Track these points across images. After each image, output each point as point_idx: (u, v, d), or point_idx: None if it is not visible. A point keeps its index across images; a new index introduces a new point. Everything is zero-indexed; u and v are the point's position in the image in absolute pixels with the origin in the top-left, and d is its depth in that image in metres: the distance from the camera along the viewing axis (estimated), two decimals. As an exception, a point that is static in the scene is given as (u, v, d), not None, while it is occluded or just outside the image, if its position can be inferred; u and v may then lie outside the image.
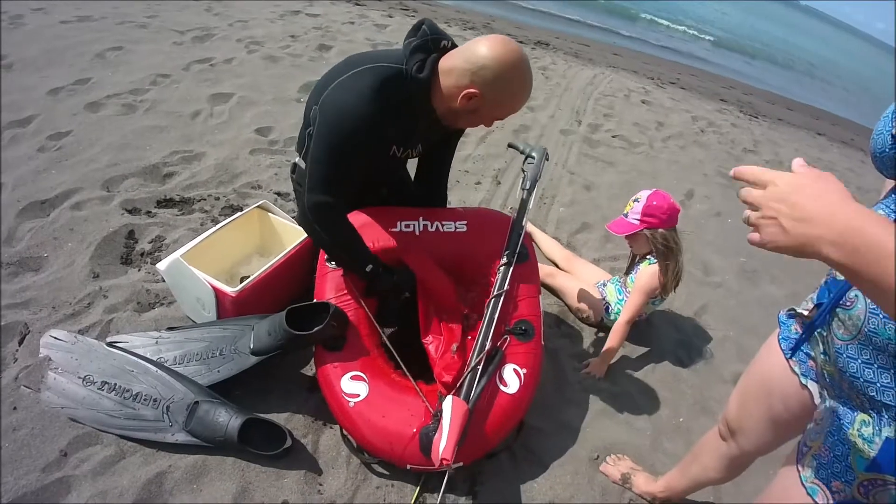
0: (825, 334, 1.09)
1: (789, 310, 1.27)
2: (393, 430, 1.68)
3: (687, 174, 4.47)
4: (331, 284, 1.90)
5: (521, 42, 6.96)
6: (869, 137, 1.03)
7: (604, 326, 2.54)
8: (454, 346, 1.87)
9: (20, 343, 1.89)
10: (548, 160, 2.18)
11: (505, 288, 1.90)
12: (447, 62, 1.67)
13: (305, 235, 2.10)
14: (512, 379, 1.82)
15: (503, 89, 1.64)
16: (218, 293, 1.86)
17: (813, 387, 1.16)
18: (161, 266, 1.94)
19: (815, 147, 6.56)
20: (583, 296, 2.60)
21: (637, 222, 2.35)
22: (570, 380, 2.29)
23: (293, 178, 2.11)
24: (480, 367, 1.76)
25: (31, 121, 3.05)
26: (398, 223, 2.02)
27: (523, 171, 2.18)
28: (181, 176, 2.83)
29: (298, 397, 1.92)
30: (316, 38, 5.24)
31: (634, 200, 2.38)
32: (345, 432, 1.80)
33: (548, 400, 2.16)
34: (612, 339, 2.33)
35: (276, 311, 2.06)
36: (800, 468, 1.08)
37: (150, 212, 2.54)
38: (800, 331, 1.21)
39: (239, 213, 2.19)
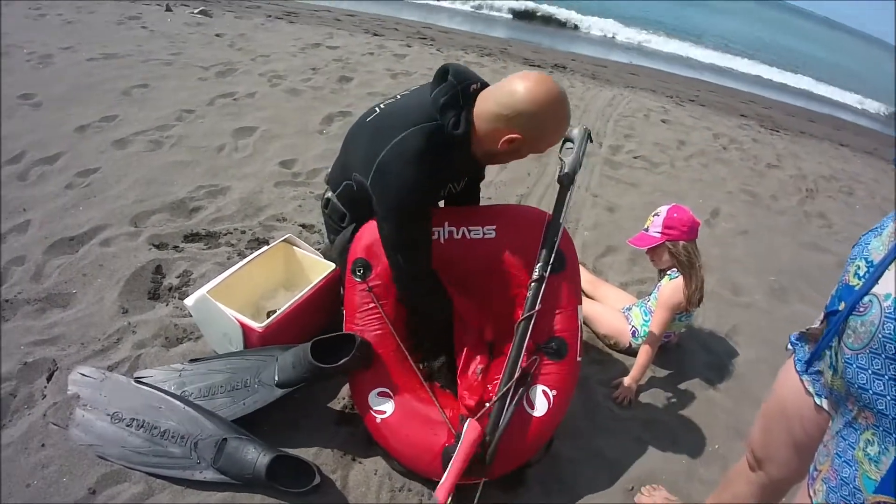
0: (834, 345, 1.07)
1: (800, 332, 1.26)
2: (418, 449, 1.70)
3: (711, 192, 4.42)
4: (359, 297, 1.88)
5: (537, 66, 7.06)
6: (892, 146, 1.02)
7: (633, 352, 2.49)
8: (479, 369, 1.85)
9: (48, 379, 1.90)
10: (591, 142, 1.92)
11: (536, 308, 1.75)
12: (481, 107, 1.67)
13: (331, 269, 2.11)
14: (540, 401, 1.76)
15: (543, 128, 1.65)
16: (245, 328, 1.87)
17: (827, 406, 1.13)
18: (188, 302, 1.95)
19: (838, 158, 6.43)
20: (609, 322, 2.57)
21: (658, 235, 2.35)
22: (602, 406, 2.25)
23: (325, 211, 2.12)
24: (508, 398, 1.71)
25: (58, 158, 3.12)
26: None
27: (561, 159, 1.86)
28: (207, 210, 2.86)
29: (326, 431, 1.91)
30: (336, 70, 5.32)
31: (655, 215, 2.39)
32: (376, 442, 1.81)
33: (579, 427, 2.12)
34: (640, 359, 2.30)
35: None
36: (811, 493, 1.06)
37: (178, 246, 2.57)
38: (812, 349, 1.19)
39: (264, 248, 2.20)
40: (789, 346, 1.29)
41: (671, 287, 2.33)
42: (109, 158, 3.19)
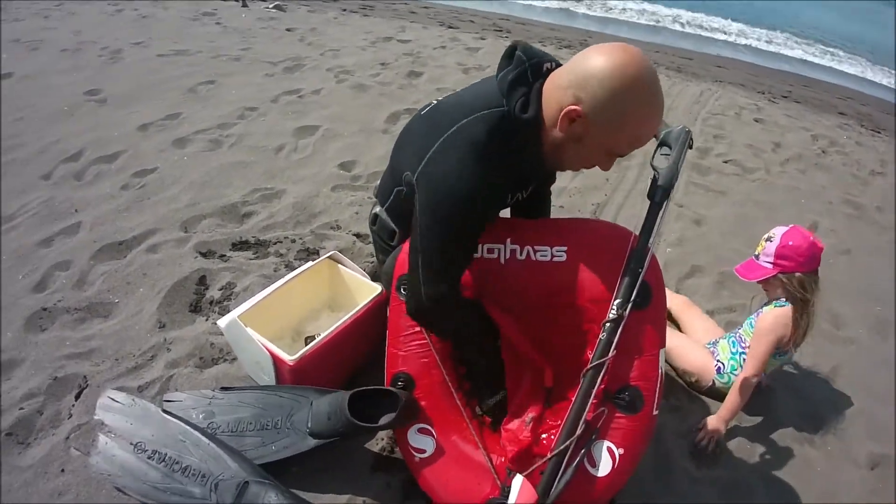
0: None
1: None
2: (457, 497, 1.51)
3: (809, 203, 3.96)
4: (404, 320, 1.63)
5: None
6: None
7: (716, 393, 2.19)
8: (529, 418, 1.56)
9: (76, 398, 1.83)
10: (691, 148, 1.58)
11: (610, 355, 1.43)
12: (551, 83, 1.37)
13: (376, 292, 1.92)
14: (604, 459, 1.47)
15: (618, 108, 1.28)
16: (275, 360, 1.70)
17: None
18: (221, 324, 1.81)
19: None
20: (692, 357, 2.24)
21: (770, 265, 2.03)
22: (677, 464, 1.94)
23: (373, 229, 1.93)
24: (568, 455, 1.40)
25: (117, 157, 3.09)
26: (480, 246, 1.60)
27: (654, 168, 1.52)
28: (259, 216, 2.74)
29: (360, 478, 1.72)
30: (406, 65, 5.14)
31: (767, 240, 2.06)
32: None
33: (646, 489, 1.83)
34: (731, 397, 2.00)
35: (341, 378, 1.92)
36: None
37: (224, 255, 2.46)
38: None
39: (307, 265, 2.03)
40: None
41: (774, 315, 2.01)
42: (168, 158, 3.13)
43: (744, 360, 2.09)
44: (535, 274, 1.59)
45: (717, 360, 2.19)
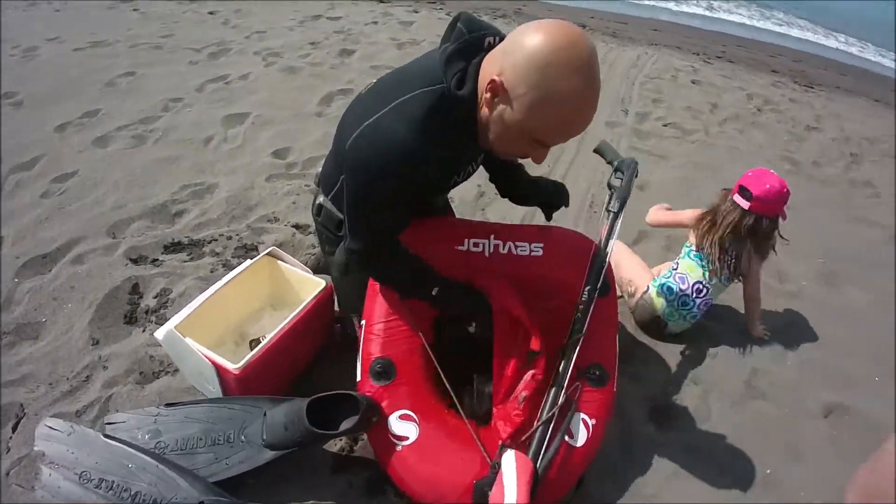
0: None
1: None
2: (444, 481, 1.48)
3: (748, 161, 4.00)
4: (380, 308, 1.66)
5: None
6: None
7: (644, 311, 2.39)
8: (522, 396, 1.58)
9: (14, 429, 1.69)
10: (636, 176, 1.81)
11: (584, 331, 1.61)
12: (489, 59, 1.26)
13: (320, 286, 1.83)
14: (581, 430, 1.59)
15: (541, 86, 1.14)
16: (219, 370, 1.60)
17: None
18: (158, 335, 1.68)
19: (876, 116, 5.85)
20: (633, 267, 2.51)
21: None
22: (638, 433, 1.97)
23: (318, 220, 1.81)
24: (552, 424, 1.52)
25: (36, 162, 2.87)
26: (466, 241, 1.72)
27: (611, 186, 1.75)
28: (191, 214, 2.59)
29: (321, 482, 1.65)
30: (337, 43, 4.98)
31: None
32: (390, 479, 1.55)
33: (613, 460, 1.85)
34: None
35: (290, 381, 1.84)
36: None
37: (157, 259, 2.32)
38: None
39: (245, 264, 1.92)
40: None
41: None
42: (89, 159, 2.93)
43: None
44: (516, 266, 1.73)
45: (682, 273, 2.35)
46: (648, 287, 2.38)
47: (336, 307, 1.98)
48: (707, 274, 2.28)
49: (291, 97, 3.87)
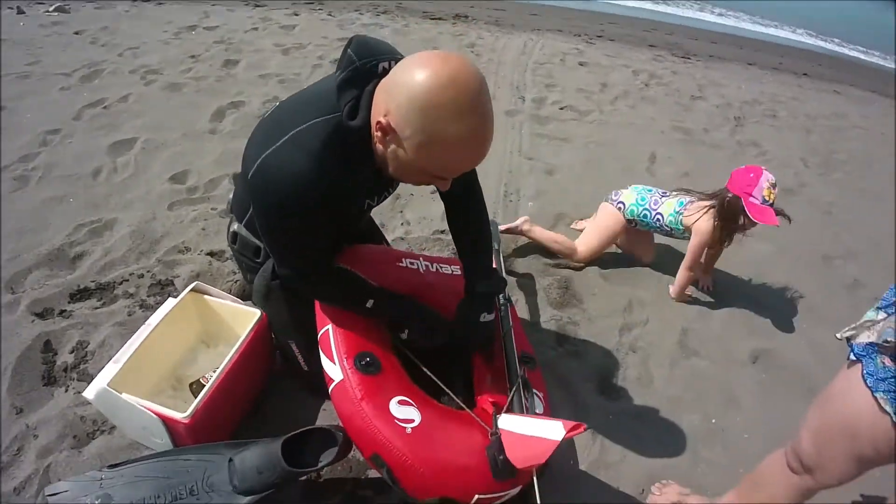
0: None
1: (869, 343, 1.15)
2: (460, 454, 1.48)
3: (643, 136, 4.22)
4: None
5: (438, 19, 6.60)
6: (793, 57, 0.83)
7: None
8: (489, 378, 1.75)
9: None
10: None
11: (512, 324, 1.89)
12: (380, 88, 1.22)
13: (256, 316, 1.74)
14: (537, 402, 1.71)
15: (420, 127, 1.12)
16: (166, 421, 1.48)
17: None
18: (89, 395, 1.54)
19: (753, 80, 6.42)
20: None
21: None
22: (591, 406, 2.05)
23: (234, 248, 1.73)
24: (521, 391, 1.66)
25: None
26: (404, 260, 1.84)
27: None
28: (93, 256, 2.37)
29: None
30: (220, 54, 4.73)
31: (773, 185, 2.32)
32: (392, 474, 1.46)
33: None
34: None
35: (240, 420, 1.74)
36: None
37: (65, 310, 2.10)
38: (890, 364, 1.08)
39: (169, 303, 1.78)
40: (852, 356, 1.18)
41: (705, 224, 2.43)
42: (-34, 210, 2.62)
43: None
44: (445, 281, 1.87)
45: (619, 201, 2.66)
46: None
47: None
48: (673, 218, 2.52)
49: (179, 116, 3.63)
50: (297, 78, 4.38)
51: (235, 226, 1.68)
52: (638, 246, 2.82)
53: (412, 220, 2.85)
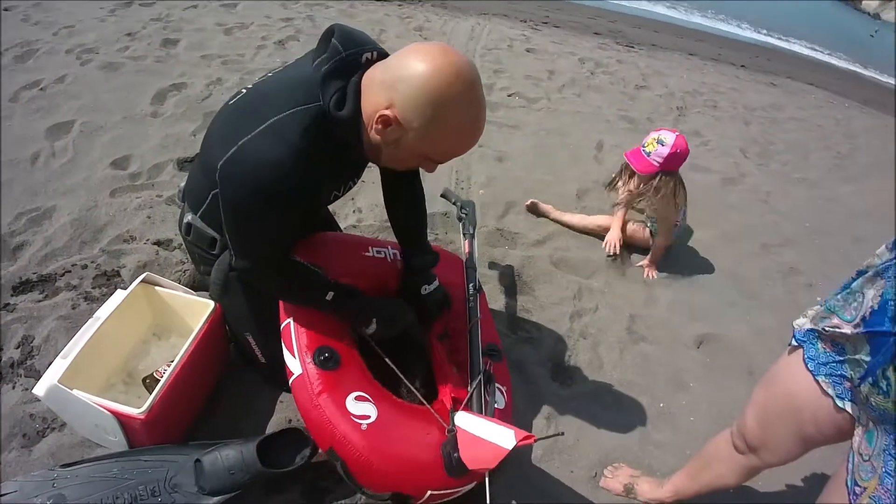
0: (887, 371, 0.97)
1: (810, 328, 1.19)
2: (414, 450, 1.50)
3: (591, 124, 4.31)
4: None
5: (385, 0, 6.51)
6: (732, 48, 0.91)
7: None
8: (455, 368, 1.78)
9: None
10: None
11: (479, 316, 1.87)
12: (368, 78, 1.26)
13: (210, 306, 1.71)
14: (498, 395, 1.75)
15: (432, 116, 1.18)
16: (121, 418, 1.45)
17: (852, 409, 1.08)
18: (38, 392, 1.48)
19: (695, 70, 6.61)
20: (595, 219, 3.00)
21: (657, 164, 2.48)
22: (545, 392, 2.10)
23: (187, 239, 1.70)
24: (482, 382, 1.67)
25: None
26: (371, 248, 1.85)
27: (461, 219, 2.26)
28: (34, 246, 2.26)
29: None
30: (157, 33, 4.52)
31: (659, 142, 2.45)
32: (347, 468, 1.48)
33: (527, 421, 1.98)
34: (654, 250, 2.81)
35: (197, 414, 1.73)
36: None
37: (8, 304, 2.01)
38: (830, 350, 1.13)
39: (118, 295, 1.72)
40: (794, 342, 1.24)
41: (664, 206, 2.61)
42: None
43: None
44: None
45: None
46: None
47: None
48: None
49: (118, 98, 3.47)
50: (240, 59, 4.26)
51: (189, 216, 1.64)
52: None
53: (364, 208, 2.84)
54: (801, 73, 8.31)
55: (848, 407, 1.08)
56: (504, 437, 1.38)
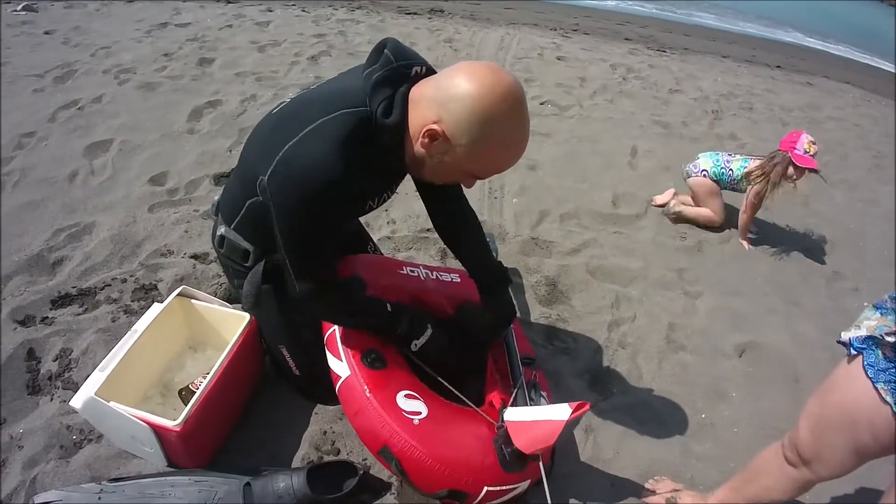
0: None
1: (868, 335, 1.16)
2: (468, 444, 1.51)
3: (624, 129, 4.26)
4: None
5: (413, 13, 6.57)
6: (766, 49, 0.87)
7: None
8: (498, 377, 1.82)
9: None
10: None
11: (511, 327, 1.91)
12: (418, 91, 1.28)
13: (246, 319, 1.72)
14: (542, 400, 1.75)
15: (480, 134, 1.19)
16: (157, 430, 1.45)
17: None
18: (76, 404, 1.50)
19: (728, 73, 6.50)
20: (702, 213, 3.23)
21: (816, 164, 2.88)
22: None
23: (221, 252, 1.70)
24: (524, 383, 1.73)
25: None
26: (405, 268, 1.88)
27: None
28: (73, 261, 2.31)
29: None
30: (194, 52, 4.64)
31: (813, 143, 2.88)
32: (401, 466, 1.47)
33: (566, 433, 1.90)
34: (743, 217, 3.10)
35: (232, 426, 1.74)
36: None
37: (47, 317, 2.05)
38: (890, 355, 1.11)
39: (155, 308, 1.75)
40: (853, 350, 1.20)
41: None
42: (-60, 217, 2.54)
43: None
44: (446, 287, 1.91)
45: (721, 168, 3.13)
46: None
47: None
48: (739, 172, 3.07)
49: (155, 116, 3.56)
50: (274, 76, 4.32)
51: (223, 229, 1.64)
52: (710, 202, 3.18)
53: (398, 219, 2.84)
54: (837, 71, 8.10)
55: None
56: (558, 411, 1.40)
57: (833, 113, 5.79)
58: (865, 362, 1.14)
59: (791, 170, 2.88)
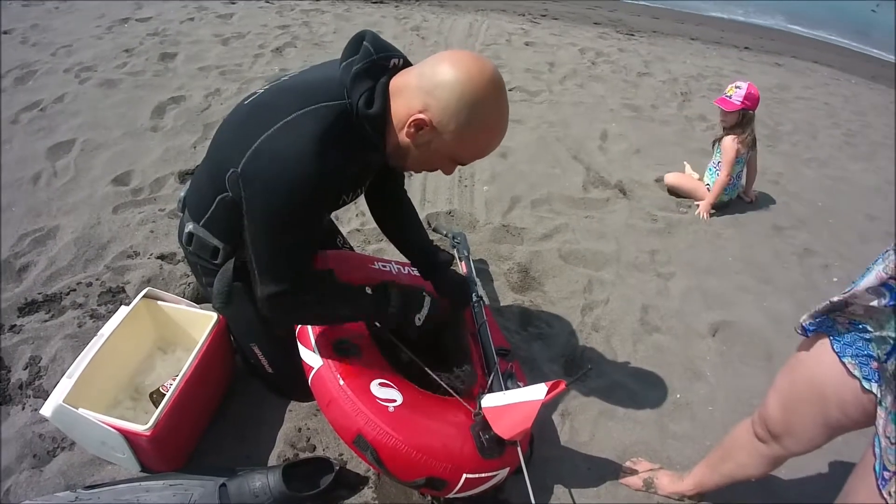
0: None
1: (828, 315, 1.16)
2: (444, 431, 1.49)
3: (594, 113, 4.27)
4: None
5: (380, 2, 6.50)
6: (734, 31, 0.89)
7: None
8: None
9: None
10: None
11: (485, 318, 1.93)
12: (398, 82, 1.29)
13: (213, 318, 1.69)
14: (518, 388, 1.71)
15: (466, 120, 1.22)
16: (128, 435, 1.43)
17: (879, 391, 1.04)
18: (46, 412, 1.47)
19: (697, 55, 6.55)
20: (687, 184, 3.44)
21: (739, 103, 3.15)
22: None
23: (189, 250, 1.66)
24: (498, 370, 1.72)
25: None
26: (375, 263, 1.92)
27: (454, 247, 2.43)
28: (38, 266, 2.26)
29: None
30: (155, 47, 4.53)
31: (736, 87, 3.18)
32: (377, 454, 1.44)
33: (544, 417, 1.94)
34: (715, 188, 3.27)
35: (204, 428, 1.71)
36: (886, 495, 1.00)
37: (14, 325, 2.00)
38: (850, 330, 1.11)
39: (121, 312, 1.71)
40: (809, 334, 1.20)
41: (731, 139, 3.23)
42: None
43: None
44: (417, 282, 1.89)
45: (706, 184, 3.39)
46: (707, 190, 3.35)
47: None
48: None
49: (118, 114, 3.48)
50: (238, 69, 4.25)
51: (191, 226, 1.60)
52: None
53: (367, 211, 2.81)
54: (805, 51, 8.19)
55: (874, 388, 1.05)
56: (534, 391, 1.41)
57: (802, 93, 5.87)
58: (831, 337, 1.14)
59: (727, 121, 3.25)
